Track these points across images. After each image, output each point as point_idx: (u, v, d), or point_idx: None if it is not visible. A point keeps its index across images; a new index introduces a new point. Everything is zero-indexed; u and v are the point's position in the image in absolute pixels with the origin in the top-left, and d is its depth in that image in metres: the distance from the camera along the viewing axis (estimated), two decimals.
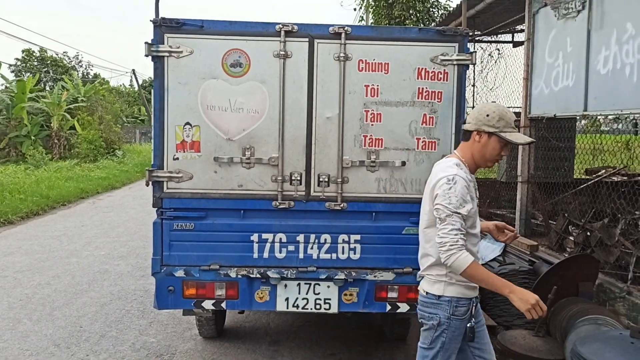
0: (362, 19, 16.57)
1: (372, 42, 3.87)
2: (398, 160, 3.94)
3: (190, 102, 3.86)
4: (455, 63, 3.89)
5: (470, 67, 4.06)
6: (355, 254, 4.01)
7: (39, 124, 23.40)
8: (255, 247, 3.98)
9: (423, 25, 13.60)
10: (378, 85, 3.89)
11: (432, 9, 14.50)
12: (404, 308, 4.07)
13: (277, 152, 3.92)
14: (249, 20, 3.88)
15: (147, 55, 3.80)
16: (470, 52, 3.91)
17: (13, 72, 42.46)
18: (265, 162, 3.93)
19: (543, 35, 6.80)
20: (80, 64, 49.96)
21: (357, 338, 5.33)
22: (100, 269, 7.67)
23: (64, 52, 50.44)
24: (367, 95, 3.90)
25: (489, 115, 2.83)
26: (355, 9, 16.83)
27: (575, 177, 9.70)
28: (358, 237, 4.00)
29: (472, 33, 3.47)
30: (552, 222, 7.35)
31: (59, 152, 23.51)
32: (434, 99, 3.91)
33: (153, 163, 3.92)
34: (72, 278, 7.23)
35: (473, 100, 10.65)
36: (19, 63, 43.74)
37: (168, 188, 3.93)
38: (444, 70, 3.90)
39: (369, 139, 3.93)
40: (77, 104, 25.00)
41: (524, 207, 7.31)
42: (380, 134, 3.93)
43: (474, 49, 11.48)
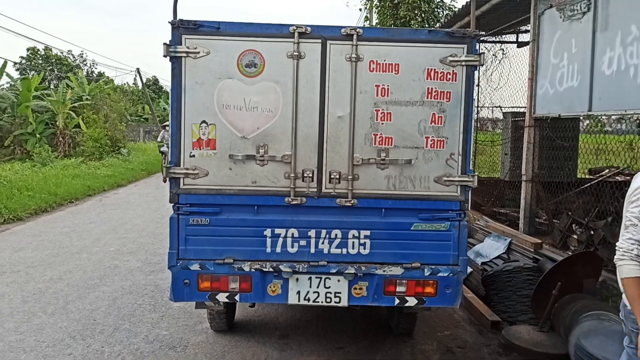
0: (367, 19, 16.66)
1: (383, 43, 3.99)
2: (407, 158, 4.05)
3: (207, 101, 3.99)
4: (464, 64, 4.01)
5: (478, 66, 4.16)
6: (365, 249, 4.13)
7: (44, 122, 23.55)
8: (268, 242, 4.11)
9: (428, 26, 13.69)
10: (388, 85, 4.01)
11: (437, 10, 14.60)
12: (412, 302, 4.19)
13: (290, 150, 4.04)
14: (264, 22, 4.00)
15: (165, 56, 3.92)
16: (479, 53, 4.03)
17: (18, 70, 42.66)
18: (279, 159, 4.05)
19: (548, 37, 6.91)
20: (85, 62, 50.15)
21: (364, 332, 5.45)
22: (111, 265, 7.80)
23: (69, 50, 50.58)
24: (377, 95, 4.02)
25: None
26: (361, 9, 16.95)
27: (579, 176, 9.81)
28: (368, 232, 4.13)
29: (477, 33, 3.55)
30: (555, 220, 7.46)
31: (64, 150, 23.66)
32: (443, 99, 4.03)
33: (170, 160, 4.05)
34: (83, 273, 7.36)
35: (477, 100, 10.74)
36: (24, 61, 43.92)
37: (184, 184, 4.05)
38: (453, 71, 4.01)
39: (379, 138, 4.05)
40: (81, 102, 25.15)
41: (528, 205, 7.42)
42: (390, 133, 4.05)
43: (481, 50, 11.60)
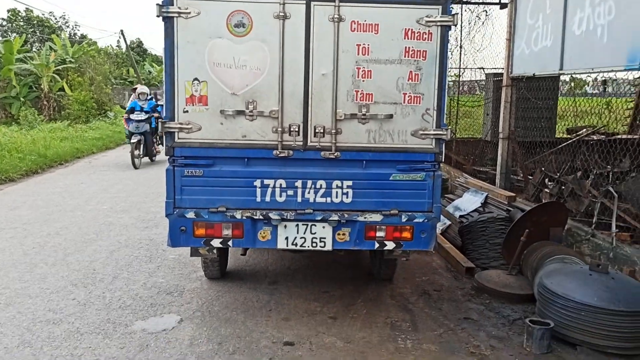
0: None
1: (363, 4, 4.24)
2: (386, 113, 4.37)
3: (198, 59, 4.25)
4: (439, 24, 4.29)
5: (458, 28, 4.43)
6: (348, 198, 4.48)
7: (28, 86, 23.42)
8: (258, 191, 4.43)
9: None
10: (369, 45, 4.29)
11: None
12: (391, 245, 4.56)
13: (277, 105, 4.33)
14: None
15: (158, 16, 4.16)
16: (453, 14, 4.30)
17: None
18: (267, 114, 4.35)
19: None
20: (67, 24, 49.19)
21: (347, 278, 5.85)
22: (105, 221, 8.11)
23: (50, 12, 49.52)
24: (358, 54, 4.30)
25: None
26: None
27: (558, 136, 10.19)
28: (350, 182, 4.46)
29: None
30: (530, 177, 7.86)
31: (49, 113, 23.60)
32: (419, 58, 4.32)
33: (165, 115, 4.33)
34: (79, 229, 7.67)
35: (460, 62, 11.01)
36: (5, 23, 43.04)
37: (179, 138, 4.34)
38: (429, 31, 4.29)
39: (360, 94, 4.35)
40: (65, 65, 24.96)
41: (504, 162, 7.80)
42: (371, 89, 4.35)
43: (464, 11, 11.81)
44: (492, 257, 6.18)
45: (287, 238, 4.52)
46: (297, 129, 4.37)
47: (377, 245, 4.57)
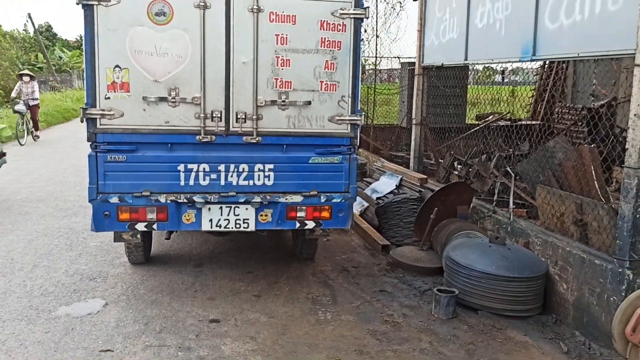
0: None
1: None
2: (305, 100, 4.62)
3: (119, 46, 4.31)
4: (352, 16, 4.58)
5: (374, 19, 4.74)
6: (269, 181, 4.72)
7: None
8: (182, 176, 4.58)
9: None
10: (287, 35, 4.52)
11: None
12: (311, 225, 4.85)
13: (199, 92, 4.48)
14: None
15: (77, 4, 4.18)
16: (364, 7, 4.61)
17: None
18: (189, 101, 4.49)
19: None
20: None
21: (271, 259, 6.10)
22: (21, 211, 7.89)
23: None
24: (277, 43, 4.52)
25: None
26: None
27: (468, 122, 10.87)
28: (271, 166, 4.70)
29: None
30: (441, 160, 8.40)
31: None
32: (335, 48, 4.60)
33: (86, 102, 4.37)
34: None
35: (376, 51, 11.45)
36: None
37: (101, 124, 4.40)
38: (343, 23, 4.58)
39: (280, 82, 4.58)
40: None
41: (417, 146, 8.29)
42: (290, 77, 4.59)
43: (379, 2, 12.26)
44: (405, 234, 6.62)
45: (211, 220, 4.69)
46: (219, 115, 4.55)
47: (298, 225, 4.84)
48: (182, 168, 4.57)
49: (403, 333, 4.45)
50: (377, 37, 12.43)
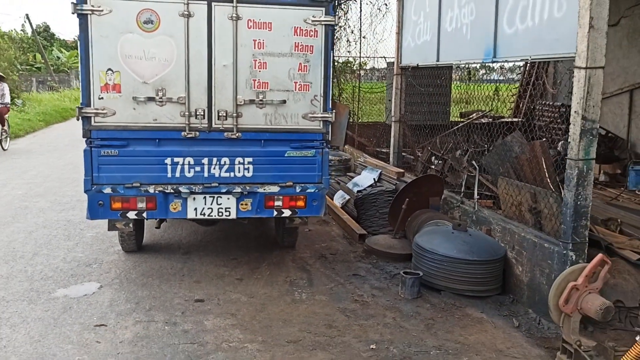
0: None
1: (258, 5, 4.92)
2: (280, 99, 5.08)
3: (111, 52, 4.76)
4: (323, 23, 5.04)
5: (359, 20, 5.16)
6: (249, 173, 5.17)
7: None
8: (169, 168, 5.03)
9: None
10: (264, 40, 4.98)
11: None
12: (287, 213, 5.31)
13: (184, 92, 4.94)
14: None
15: (73, 13, 4.63)
16: (334, 14, 5.06)
17: None
18: (175, 100, 4.94)
19: None
20: None
21: (254, 247, 6.55)
22: (21, 205, 8.33)
23: None
24: (255, 48, 4.98)
25: None
26: None
27: (453, 119, 11.31)
28: (251, 159, 5.16)
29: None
30: (419, 155, 8.85)
31: None
32: (307, 52, 5.06)
33: (81, 102, 4.82)
34: None
35: (360, 50, 11.89)
36: None
37: (95, 122, 4.85)
38: (315, 29, 5.03)
39: (258, 83, 5.04)
40: None
41: (397, 142, 8.74)
42: (266, 79, 5.05)
43: (365, 4, 12.71)
44: (381, 224, 7.08)
45: (195, 209, 5.15)
46: (202, 113, 5.00)
47: (275, 213, 5.29)
48: (169, 161, 5.02)
49: (370, 310, 4.91)
50: (364, 37, 12.89)
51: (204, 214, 5.17)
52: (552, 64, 11.66)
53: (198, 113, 4.99)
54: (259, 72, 5.01)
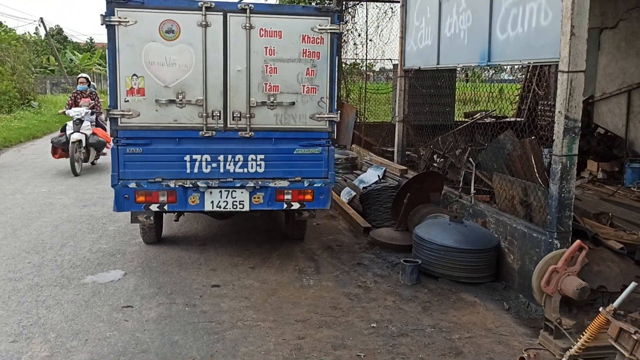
0: None
1: (269, 15, 5.38)
2: (289, 101, 5.53)
3: (136, 59, 5.24)
4: (329, 31, 5.49)
5: (365, 23, 5.58)
6: (261, 169, 5.63)
7: None
8: (188, 165, 5.51)
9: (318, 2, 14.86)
10: (274, 47, 5.44)
11: None
12: (296, 206, 5.76)
13: (202, 95, 5.41)
14: None
15: (102, 24, 5.12)
16: (339, 23, 5.51)
17: None
18: (194, 103, 5.41)
19: (413, 3, 8.52)
20: None
21: (266, 239, 7.01)
22: (46, 202, 8.85)
23: None
24: (266, 54, 5.44)
25: None
26: None
27: (457, 119, 11.71)
28: (262, 156, 5.62)
29: (337, 9, 5.00)
30: (422, 153, 9.28)
31: None
32: (314, 57, 5.51)
33: (109, 104, 5.31)
34: (22, 209, 8.39)
35: (366, 53, 12.33)
36: None
37: (121, 123, 5.33)
38: (321, 37, 5.49)
39: (269, 86, 5.50)
40: None
41: (401, 141, 9.16)
42: (277, 82, 5.51)
43: (371, 8, 13.16)
44: (385, 218, 7.51)
45: (212, 202, 5.62)
46: (218, 114, 5.47)
47: (285, 206, 5.75)
48: (188, 158, 5.49)
49: (372, 295, 5.35)
50: (370, 40, 13.32)
51: (220, 207, 5.64)
52: (553, 66, 12.03)
53: (214, 114, 5.46)
54: (270, 76, 5.47)
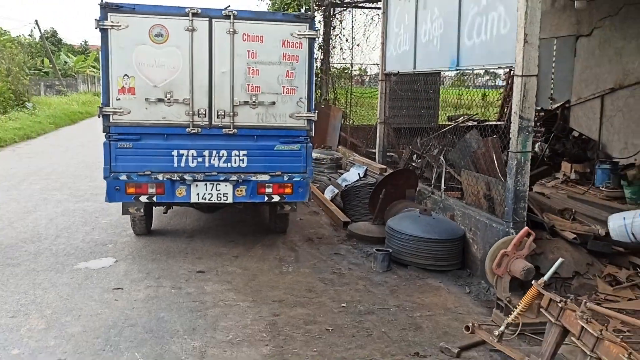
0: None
1: (251, 21, 5.83)
2: (270, 101, 5.98)
3: (127, 60, 5.68)
4: (307, 37, 5.94)
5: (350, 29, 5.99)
6: (244, 163, 6.07)
7: None
8: (175, 159, 5.94)
9: (308, 7, 15.25)
10: (256, 51, 5.88)
11: None
12: (276, 198, 6.20)
13: (188, 95, 5.84)
14: (168, 5, 5.71)
15: (96, 28, 5.55)
16: (316, 29, 5.96)
17: None
18: (181, 102, 5.84)
19: (393, 10, 8.99)
20: None
21: (250, 232, 7.44)
22: (40, 197, 9.24)
23: None
24: (249, 57, 5.88)
25: None
26: None
27: (441, 122, 12.18)
28: (245, 152, 6.05)
29: (314, 16, 5.49)
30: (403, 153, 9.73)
31: None
32: (294, 60, 5.96)
33: (102, 102, 5.74)
34: (17, 204, 8.77)
35: (352, 57, 12.80)
36: None
37: (113, 119, 5.76)
38: (300, 42, 5.94)
39: (251, 87, 5.94)
40: None
41: (382, 141, 9.62)
42: (259, 83, 5.95)
43: (358, 14, 13.64)
44: (363, 213, 7.96)
45: (198, 194, 6.04)
46: (204, 112, 5.90)
47: (266, 199, 6.18)
48: (175, 153, 5.92)
49: (345, 280, 5.79)
50: (357, 45, 13.80)
51: (205, 199, 6.06)
52: None
53: (200, 112, 5.89)
54: (252, 77, 5.92)
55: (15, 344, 4.20)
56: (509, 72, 13.09)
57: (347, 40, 14.21)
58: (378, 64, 14.43)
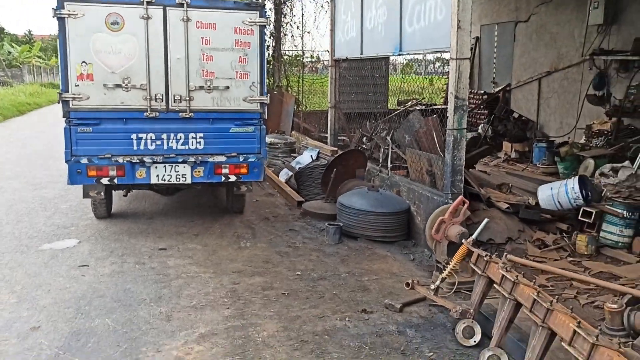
0: None
1: (204, 9, 6.13)
2: (224, 85, 6.30)
3: (85, 47, 5.90)
4: (258, 24, 6.29)
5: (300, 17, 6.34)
6: (201, 145, 6.39)
7: None
8: (135, 142, 6.20)
9: None
10: (210, 38, 6.19)
11: None
12: (233, 178, 6.55)
13: (145, 80, 6.11)
14: None
15: (53, 17, 5.74)
16: (267, 17, 6.31)
17: None
18: (138, 87, 6.11)
19: None
20: None
21: (209, 213, 7.76)
22: None
23: None
24: (203, 44, 6.19)
25: None
26: None
27: (391, 107, 12.70)
28: (202, 134, 6.37)
29: (264, 4, 5.85)
30: (352, 135, 10.19)
31: None
32: (246, 47, 6.30)
33: (61, 88, 5.94)
34: None
35: (302, 44, 13.15)
36: None
37: (73, 105, 5.98)
38: (251, 29, 6.28)
39: (206, 72, 6.25)
40: None
41: (332, 125, 10.05)
42: (213, 69, 6.27)
43: (309, 2, 13.94)
44: (316, 193, 8.39)
45: (157, 175, 6.34)
46: (161, 97, 6.19)
47: (223, 179, 6.53)
48: (134, 137, 6.19)
49: (300, 252, 6.21)
50: (308, 32, 14.16)
51: (165, 180, 6.36)
52: (476, 56, 13.20)
53: (157, 97, 6.17)
54: (207, 63, 6.23)
55: None
56: None
57: (298, 28, 14.57)
58: (328, 51, 14.98)
